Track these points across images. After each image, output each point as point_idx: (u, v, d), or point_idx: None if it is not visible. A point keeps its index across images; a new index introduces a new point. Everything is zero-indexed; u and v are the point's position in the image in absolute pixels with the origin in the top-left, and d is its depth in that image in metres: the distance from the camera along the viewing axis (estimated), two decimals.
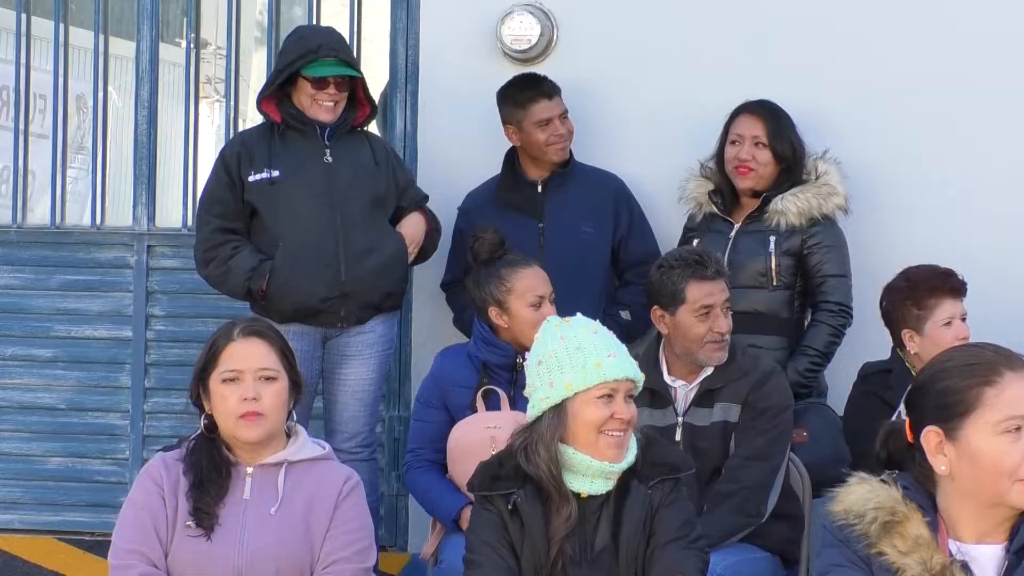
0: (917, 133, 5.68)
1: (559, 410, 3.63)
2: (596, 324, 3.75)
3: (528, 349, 4.67)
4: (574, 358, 3.64)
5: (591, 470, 3.61)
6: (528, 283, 4.78)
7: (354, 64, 5.40)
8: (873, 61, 5.72)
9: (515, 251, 4.91)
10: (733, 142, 5.42)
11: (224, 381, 3.76)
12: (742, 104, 5.46)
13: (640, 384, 3.70)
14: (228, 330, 3.84)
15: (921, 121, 5.68)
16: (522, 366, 4.72)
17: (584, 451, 3.61)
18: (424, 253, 5.49)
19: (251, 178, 5.29)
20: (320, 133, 5.32)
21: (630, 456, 3.65)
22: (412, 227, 5.42)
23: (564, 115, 5.53)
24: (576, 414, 3.62)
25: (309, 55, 5.24)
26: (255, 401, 3.73)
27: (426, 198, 5.53)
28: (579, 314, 3.80)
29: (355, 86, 5.37)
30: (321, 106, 5.29)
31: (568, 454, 3.61)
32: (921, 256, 5.09)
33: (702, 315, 4.54)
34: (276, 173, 5.28)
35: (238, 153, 5.33)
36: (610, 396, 3.61)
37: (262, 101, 5.36)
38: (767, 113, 5.43)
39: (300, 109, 5.30)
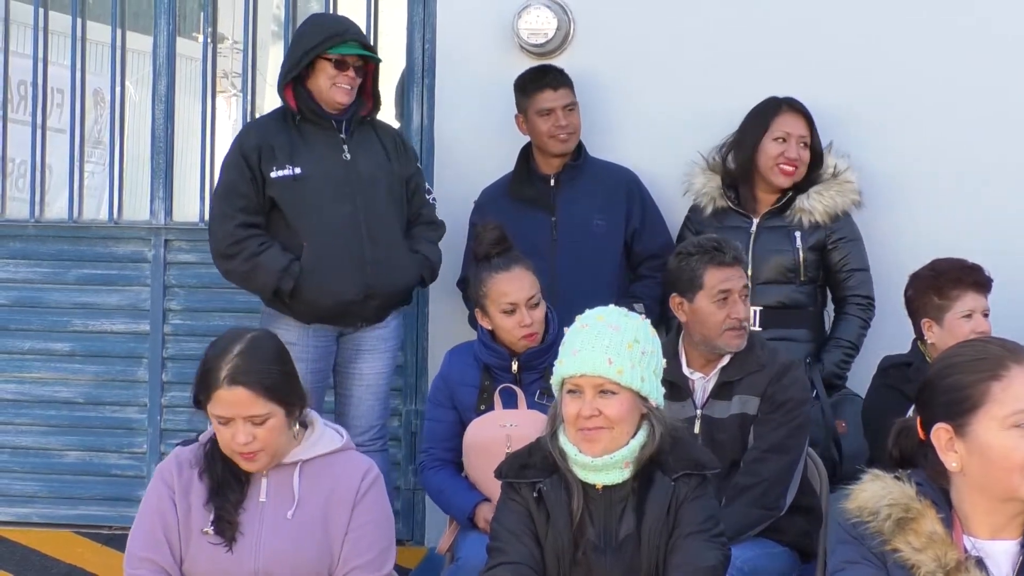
0: (930, 129, 5.66)
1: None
2: (598, 319, 3.70)
3: (517, 353, 4.66)
4: (560, 352, 3.68)
5: (578, 462, 3.63)
6: (501, 289, 4.66)
7: (373, 51, 5.39)
8: (886, 57, 5.69)
9: (515, 249, 4.79)
10: (778, 139, 5.36)
11: (218, 421, 3.64)
12: (781, 100, 5.42)
13: (618, 379, 3.59)
14: (217, 366, 3.62)
15: (936, 117, 5.66)
16: (520, 368, 4.70)
17: (573, 442, 3.64)
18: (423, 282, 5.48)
19: (274, 174, 5.19)
20: (336, 126, 5.29)
21: (626, 450, 3.62)
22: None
23: (569, 108, 5.49)
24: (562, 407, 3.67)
25: (335, 38, 5.21)
26: (248, 444, 3.63)
27: (432, 206, 5.49)
28: (611, 306, 3.77)
29: (365, 78, 5.35)
30: (340, 88, 5.22)
31: (568, 448, 3.65)
32: (940, 252, 5.06)
33: (720, 301, 4.53)
34: (299, 170, 5.20)
35: (258, 147, 5.22)
36: (576, 392, 3.62)
37: (284, 87, 5.28)
38: (807, 113, 5.40)
39: (317, 95, 5.23)
